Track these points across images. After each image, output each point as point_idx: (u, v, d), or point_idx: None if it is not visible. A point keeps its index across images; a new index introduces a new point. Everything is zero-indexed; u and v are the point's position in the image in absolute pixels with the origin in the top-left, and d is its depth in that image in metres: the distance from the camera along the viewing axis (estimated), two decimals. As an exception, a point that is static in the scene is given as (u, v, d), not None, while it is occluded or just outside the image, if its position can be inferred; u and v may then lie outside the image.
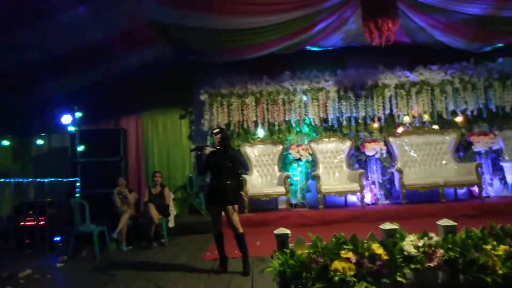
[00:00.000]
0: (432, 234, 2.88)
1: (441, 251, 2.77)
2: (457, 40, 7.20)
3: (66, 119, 6.42)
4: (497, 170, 7.42)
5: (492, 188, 7.37)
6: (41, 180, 5.63)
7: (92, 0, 4.81)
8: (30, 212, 5.98)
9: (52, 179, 5.85)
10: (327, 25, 6.61)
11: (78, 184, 6.14)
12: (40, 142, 7.62)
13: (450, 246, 2.78)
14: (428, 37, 7.21)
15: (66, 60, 6.10)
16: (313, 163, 7.54)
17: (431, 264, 2.75)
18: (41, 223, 5.75)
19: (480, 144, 7.22)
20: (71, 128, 6.57)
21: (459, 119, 7.64)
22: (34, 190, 6.58)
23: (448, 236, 2.86)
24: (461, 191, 7.23)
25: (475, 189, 7.04)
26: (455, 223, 2.94)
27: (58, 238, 6.01)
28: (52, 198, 6.18)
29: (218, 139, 4.16)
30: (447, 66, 7.64)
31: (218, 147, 4.17)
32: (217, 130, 4.26)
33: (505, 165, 7.29)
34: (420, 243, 2.81)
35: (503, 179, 7.37)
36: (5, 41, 4.94)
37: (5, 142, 7.20)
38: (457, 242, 2.82)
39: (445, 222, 2.97)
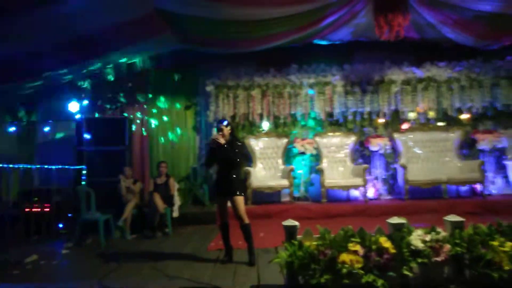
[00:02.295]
0: (439, 229, 2.91)
1: (448, 246, 2.81)
2: (466, 37, 7.16)
3: (73, 106, 6.42)
4: (501, 168, 7.43)
5: (495, 186, 7.38)
6: (48, 167, 5.65)
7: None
8: (36, 199, 6.01)
9: (58, 167, 5.87)
10: (337, 18, 6.56)
11: (84, 172, 6.17)
12: (46, 129, 7.63)
13: (457, 241, 2.81)
14: (437, 33, 7.16)
15: (73, 48, 6.09)
16: (317, 157, 7.55)
17: (438, 259, 2.79)
18: (47, 210, 5.78)
19: (484, 142, 7.22)
20: (78, 116, 6.57)
21: (464, 116, 7.63)
22: (40, 177, 6.63)
23: (455, 232, 2.89)
24: (464, 188, 7.24)
25: (478, 186, 7.07)
26: (463, 219, 2.97)
27: (63, 225, 6.05)
28: (58, 186, 6.22)
29: (229, 131, 4.17)
30: (454, 63, 7.61)
31: (226, 139, 4.17)
32: (227, 122, 4.27)
33: (509, 163, 7.30)
34: (428, 238, 2.84)
35: (506, 177, 7.38)
36: (11, 28, 4.92)
37: (12, 129, 7.22)
38: (464, 237, 2.85)
39: (452, 217, 2.99)
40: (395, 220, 3.02)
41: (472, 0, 5.71)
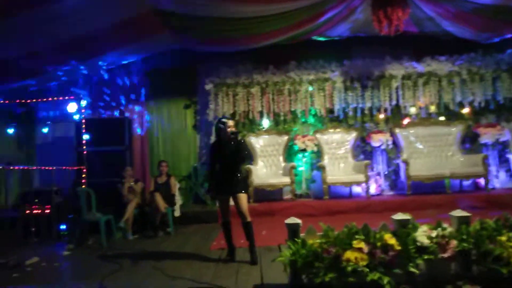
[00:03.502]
0: (445, 225, 2.86)
1: (455, 242, 2.76)
2: (466, 30, 7.10)
3: (71, 107, 6.38)
4: (504, 162, 7.38)
5: (498, 180, 7.33)
6: (47, 169, 5.60)
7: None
8: (36, 200, 5.97)
9: (58, 168, 5.82)
10: (335, 14, 6.51)
11: (84, 172, 6.12)
12: (44, 130, 7.58)
13: (464, 237, 2.76)
14: (436, 27, 7.10)
15: (71, 48, 6.04)
16: (319, 154, 7.51)
17: (445, 255, 2.74)
18: (47, 211, 5.74)
19: (487, 136, 7.17)
20: (76, 117, 6.53)
21: (466, 110, 7.58)
22: (40, 179, 6.59)
23: (461, 227, 2.84)
24: (467, 182, 7.20)
25: (481, 181, 7.02)
26: (470, 214, 2.92)
27: (64, 227, 6.01)
28: (58, 187, 6.17)
29: (233, 128, 4.12)
30: (455, 57, 7.54)
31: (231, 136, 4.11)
32: (230, 119, 4.22)
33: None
34: (433, 234, 2.80)
35: (509, 171, 7.34)
36: (8, 28, 4.87)
37: (10, 131, 7.16)
38: (471, 233, 2.80)
39: (458, 212, 2.94)
40: (400, 216, 2.97)
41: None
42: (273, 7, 5.90)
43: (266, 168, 7.51)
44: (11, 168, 5.19)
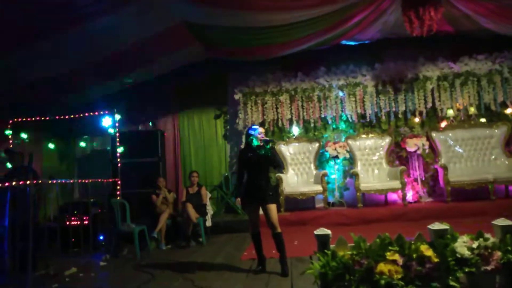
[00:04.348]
0: (488, 235, 2.66)
1: (499, 253, 2.56)
2: (505, 26, 6.70)
3: (106, 121, 6.61)
4: (554, 164, 6.85)
5: (548, 185, 6.81)
6: (85, 181, 5.82)
7: (126, 4, 4.88)
8: (75, 212, 6.20)
9: (95, 180, 6.03)
10: (364, 17, 6.36)
11: (118, 184, 6.30)
12: (82, 144, 7.91)
13: (509, 248, 2.55)
14: (473, 24, 6.76)
15: (105, 65, 6.29)
16: (351, 161, 7.32)
17: (488, 268, 2.54)
18: (85, 222, 5.94)
19: (534, 137, 6.70)
20: (111, 130, 6.76)
21: (509, 110, 7.12)
22: (79, 191, 6.84)
23: (506, 237, 2.63)
24: (513, 188, 6.74)
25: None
26: (514, 223, 2.70)
27: (101, 237, 6.20)
28: (95, 199, 6.39)
29: (264, 137, 4.12)
30: (495, 55, 7.14)
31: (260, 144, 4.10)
32: (260, 127, 4.23)
33: None
34: (475, 245, 2.61)
35: (560, 174, 6.79)
36: (41, 49, 5.13)
37: (51, 145, 7.53)
38: (516, 243, 2.59)
39: (502, 221, 2.73)
40: (436, 226, 2.80)
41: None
42: (301, 13, 5.86)
43: (297, 176, 7.41)
44: (51, 182, 5.41)
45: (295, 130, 7.62)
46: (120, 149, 6.68)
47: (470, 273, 2.55)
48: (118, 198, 6.07)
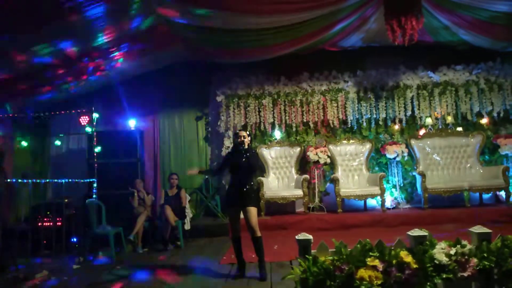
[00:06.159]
0: (465, 242, 2.70)
1: (475, 260, 2.59)
2: (482, 39, 6.92)
3: (83, 120, 6.43)
4: (526, 174, 7.09)
5: (520, 193, 7.03)
6: (59, 181, 5.62)
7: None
8: (48, 213, 5.98)
9: (70, 180, 5.84)
10: (347, 24, 6.44)
11: (95, 185, 6.12)
12: (57, 143, 7.65)
13: (485, 255, 2.59)
14: (452, 36, 6.95)
15: (82, 61, 6.11)
16: (332, 166, 7.36)
17: (464, 274, 2.57)
18: (58, 224, 5.74)
19: (507, 147, 6.91)
20: (89, 129, 6.57)
21: (484, 121, 7.34)
22: (52, 191, 6.61)
23: (482, 244, 2.67)
24: (487, 195, 6.92)
25: (502, 194, 6.74)
26: (490, 231, 2.75)
27: (74, 239, 6.00)
28: (70, 199, 6.18)
29: (248, 141, 4.11)
30: (472, 66, 7.35)
31: (241, 148, 4.07)
32: (244, 131, 4.20)
33: (534, 169, 6.96)
34: (452, 251, 2.63)
35: (532, 183, 7.03)
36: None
37: (24, 143, 7.25)
38: (492, 250, 2.63)
39: (479, 229, 2.78)
40: (416, 232, 2.82)
41: (488, 1, 5.50)
42: (286, 18, 5.87)
43: (278, 180, 7.40)
44: (23, 181, 5.20)
45: (277, 134, 7.62)
46: (97, 149, 6.50)
47: (448, 279, 2.58)
48: (94, 199, 5.89)
